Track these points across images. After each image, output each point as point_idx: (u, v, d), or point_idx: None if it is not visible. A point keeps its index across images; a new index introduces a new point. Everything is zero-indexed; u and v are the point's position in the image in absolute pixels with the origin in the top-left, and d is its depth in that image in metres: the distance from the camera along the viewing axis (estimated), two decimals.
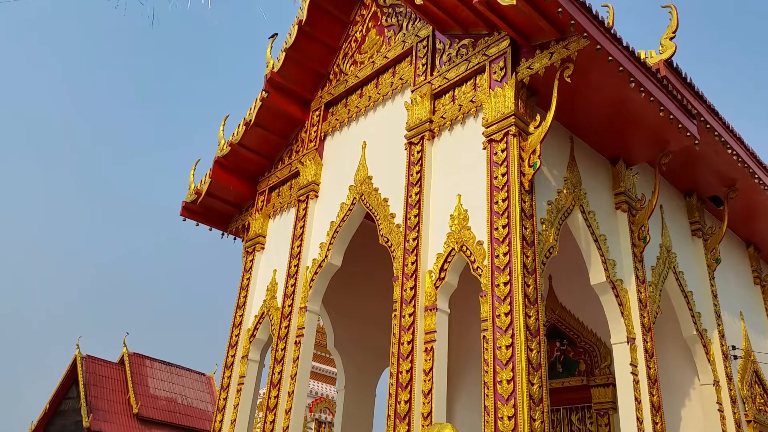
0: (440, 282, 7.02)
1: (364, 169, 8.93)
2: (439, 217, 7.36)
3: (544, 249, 6.61)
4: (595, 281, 7.48)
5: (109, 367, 33.17)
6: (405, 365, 6.79)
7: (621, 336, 7.38)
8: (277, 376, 8.65)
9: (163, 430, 30.76)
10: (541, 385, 5.74)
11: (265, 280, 10.16)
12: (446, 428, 5.01)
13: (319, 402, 25.70)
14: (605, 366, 9.70)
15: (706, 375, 8.73)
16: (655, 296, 8.11)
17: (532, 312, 6.04)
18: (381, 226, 8.15)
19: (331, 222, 9.12)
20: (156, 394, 33.24)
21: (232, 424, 9.38)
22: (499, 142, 6.86)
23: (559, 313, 10.56)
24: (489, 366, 5.93)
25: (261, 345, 9.90)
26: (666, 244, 8.94)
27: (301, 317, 8.89)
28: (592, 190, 7.84)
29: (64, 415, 31.88)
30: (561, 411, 10.02)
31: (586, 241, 7.48)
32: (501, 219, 6.44)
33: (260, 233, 10.77)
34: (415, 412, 6.45)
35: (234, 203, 11.57)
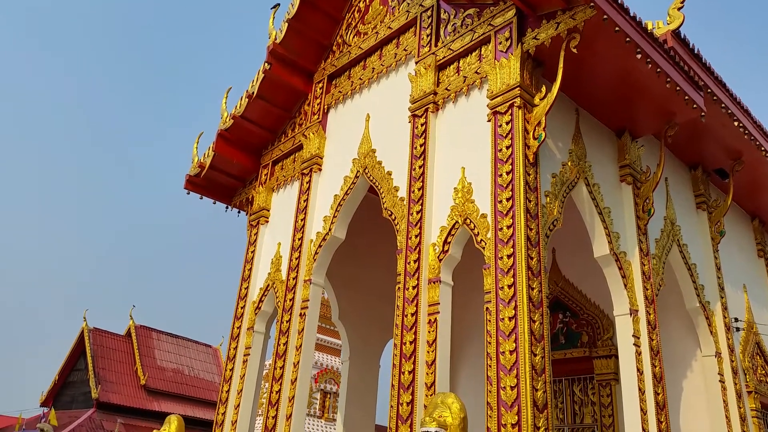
0: (444, 255, 7.04)
1: (368, 142, 8.89)
2: (443, 190, 7.35)
3: (548, 222, 6.60)
4: (599, 254, 7.49)
5: (116, 339, 33.60)
6: (409, 337, 6.85)
7: (624, 308, 7.42)
8: (283, 347, 8.75)
9: (171, 400, 31.28)
10: (543, 356, 5.79)
11: (270, 253, 10.21)
12: (449, 397, 5.06)
13: (325, 373, 26.04)
14: (607, 338, 9.77)
15: (708, 346, 8.79)
16: (658, 269, 8.12)
17: (535, 284, 6.06)
18: (385, 200, 8.14)
19: (334, 195, 9.12)
20: (163, 366, 33.72)
21: (238, 394, 9.52)
22: (504, 114, 6.80)
23: (562, 285, 10.60)
24: (492, 337, 5.97)
25: (266, 317, 10.00)
26: (670, 217, 8.93)
27: (305, 290, 8.95)
28: (597, 162, 7.80)
29: (73, 387, 32.41)
30: (563, 382, 10.13)
31: (590, 214, 7.46)
32: (505, 192, 6.42)
33: (264, 207, 10.79)
34: (418, 382, 6.53)
35: (238, 176, 11.57)
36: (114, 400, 30.00)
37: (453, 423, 4.89)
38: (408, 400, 6.52)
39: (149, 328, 35.16)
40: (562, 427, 9.91)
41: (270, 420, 8.33)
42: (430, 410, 5.01)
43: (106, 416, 29.16)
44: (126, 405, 30.32)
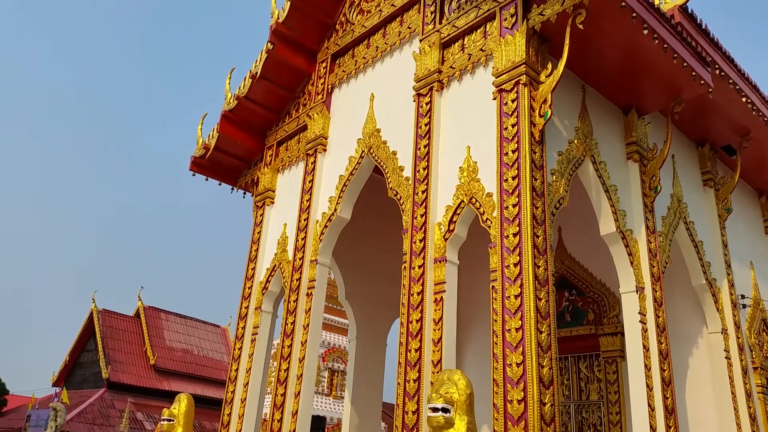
0: (449, 234, 7.05)
1: (372, 122, 8.86)
2: (448, 169, 7.33)
3: (554, 200, 6.59)
4: (605, 231, 7.48)
5: (125, 320, 33.95)
6: (415, 315, 6.89)
7: (630, 285, 7.43)
8: (290, 327, 8.82)
9: (180, 380, 31.68)
10: (549, 333, 5.82)
11: (276, 234, 10.25)
12: (456, 374, 5.11)
13: (332, 352, 26.27)
14: (614, 315, 9.81)
15: (715, 323, 8.81)
16: (665, 246, 8.11)
17: (541, 262, 6.07)
18: (390, 179, 8.13)
19: (339, 176, 9.11)
20: (172, 346, 34.10)
21: (247, 373, 9.63)
22: (510, 92, 6.75)
23: (568, 263, 10.62)
24: (498, 315, 6.00)
25: (273, 297, 10.07)
26: (677, 194, 8.89)
27: (312, 270, 8.99)
28: (604, 140, 7.75)
29: (84, 367, 32.85)
30: (569, 359, 10.20)
31: (597, 192, 7.44)
32: (511, 170, 6.40)
33: (269, 188, 10.80)
34: (425, 359, 6.59)
35: (242, 158, 11.58)
36: (124, 380, 30.41)
37: (459, 399, 4.94)
38: (415, 377, 6.58)
39: (158, 309, 35.49)
40: (568, 404, 9.99)
41: (279, 397, 8.43)
42: (436, 387, 5.06)
43: (117, 396, 29.57)
44: (136, 385, 30.73)
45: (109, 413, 28.32)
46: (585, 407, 9.83)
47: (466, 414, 4.92)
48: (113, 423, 27.17)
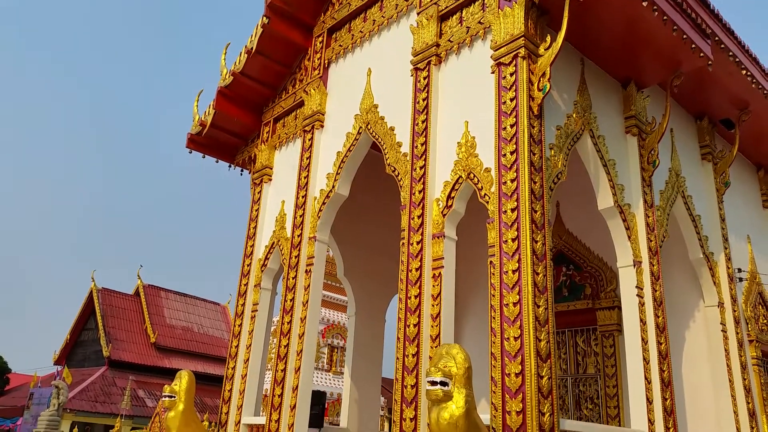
0: (447, 210, 7.04)
1: (370, 98, 8.78)
2: (446, 144, 7.29)
3: (552, 174, 6.56)
4: (603, 206, 7.48)
5: (125, 298, 34.07)
6: (413, 291, 6.91)
7: (627, 259, 7.45)
8: (290, 303, 8.86)
9: (181, 357, 31.94)
10: (546, 307, 5.84)
11: (274, 211, 10.23)
12: (454, 348, 5.14)
13: (332, 328, 26.44)
14: (611, 289, 9.85)
15: (711, 297, 8.86)
16: (662, 220, 8.12)
17: (539, 237, 6.07)
18: (388, 155, 8.10)
19: (337, 152, 9.07)
20: (172, 324, 34.29)
21: (247, 349, 9.69)
22: (508, 65, 6.69)
23: (566, 238, 10.64)
24: (495, 290, 6.02)
25: (272, 274, 10.09)
26: (675, 168, 8.87)
27: (310, 247, 8.99)
28: (603, 113, 7.71)
29: (85, 345, 33.06)
30: (566, 333, 10.27)
31: (595, 166, 7.42)
32: (509, 145, 6.37)
33: (267, 165, 10.75)
34: (423, 334, 6.63)
35: (239, 134, 11.50)
36: (125, 358, 30.64)
37: (458, 373, 4.97)
38: (413, 351, 6.62)
39: (157, 287, 35.60)
40: (566, 377, 10.09)
41: (279, 373, 8.50)
42: (435, 361, 5.09)
43: (118, 373, 29.82)
44: (137, 362, 30.97)
45: (111, 391, 28.59)
46: (582, 380, 9.92)
47: (465, 387, 4.96)
48: (115, 400, 27.44)
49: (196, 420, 8.86)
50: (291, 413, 8.11)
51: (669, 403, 7.00)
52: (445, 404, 4.91)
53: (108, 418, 26.04)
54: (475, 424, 4.98)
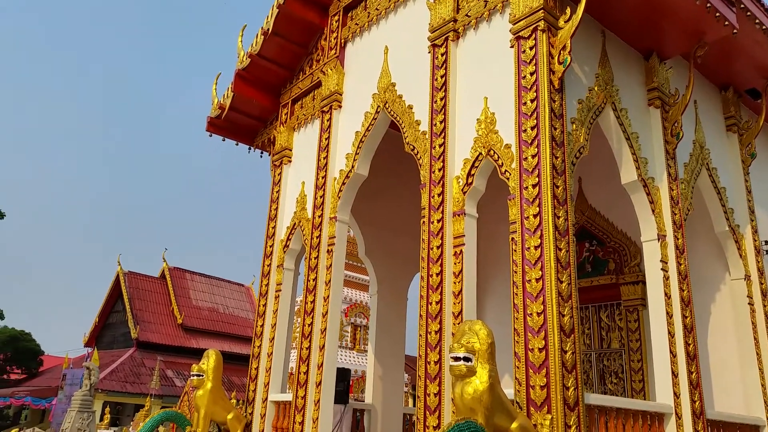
0: (468, 187, 7.01)
1: (387, 76, 8.74)
2: (466, 121, 7.25)
3: (574, 149, 6.50)
4: (626, 180, 7.39)
5: (151, 281, 34.67)
6: (435, 269, 6.94)
7: (652, 233, 7.37)
8: (312, 283, 8.95)
9: (207, 337, 32.52)
10: (569, 282, 5.82)
11: (295, 192, 10.29)
12: (477, 324, 5.17)
13: (354, 307, 26.67)
14: (635, 264, 9.79)
15: (737, 270, 8.75)
16: (687, 193, 8.01)
17: (561, 213, 6.03)
18: (406, 134, 8.07)
19: (356, 132, 9.06)
20: (198, 305, 34.87)
21: (272, 328, 9.84)
22: (527, 38, 6.59)
23: (589, 214, 10.56)
24: (518, 266, 6.02)
25: (295, 254, 10.19)
26: (699, 140, 8.72)
27: (331, 227, 9.05)
28: (625, 86, 7.58)
29: (113, 328, 33.81)
30: (590, 309, 10.25)
31: (618, 140, 7.32)
32: (529, 120, 6.31)
33: (286, 146, 10.79)
34: (446, 311, 6.66)
35: (258, 117, 11.54)
36: (153, 339, 31.30)
37: (481, 348, 5.01)
38: (436, 328, 6.67)
39: (183, 270, 36.16)
40: (590, 352, 10.09)
41: (304, 351, 8.63)
42: (458, 337, 5.13)
43: (147, 354, 30.49)
44: (165, 343, 31.63)
45: (140, 371, 29.27)
46: (606, 355, 9.92)
47: (488, 362, 4.99)
48: (144, 381, 28.11)
49: (224, 398, 9.06)
50: (317, 390, 8.25)
51: (695, 377, 6.97)
52: (469, 379, 4.95)
53: (138, 398, 26.72)
54: (498, 398, 5.02)
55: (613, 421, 6.01)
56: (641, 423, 6.34)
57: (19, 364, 34.95)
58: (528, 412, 5.46)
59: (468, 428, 4.42)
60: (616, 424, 6.03)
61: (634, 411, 6.32)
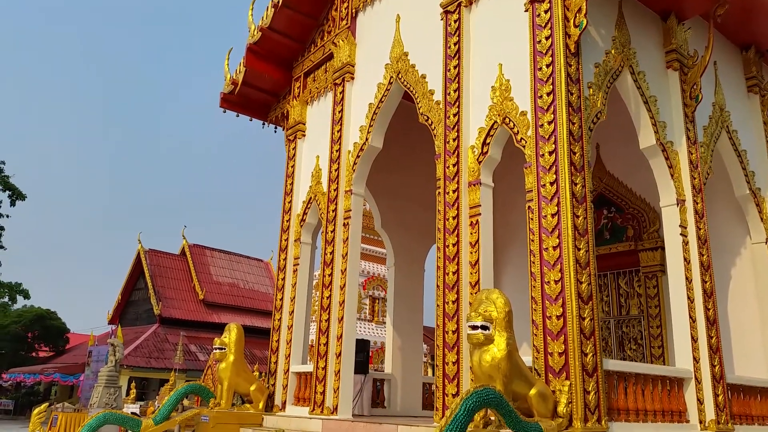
0: (483, 156, 6.96)
1: (400, 45, 8.63)
2: (480, 89, 7.15)
3: (591, 114, 6.40)
4: (645, 145, 7.28)
5: (172, 258, 35.12)
6: (451, 239, 6.93)
7: (671, 198, 7.28)
8: (330, 256, 9.00)
9: (228, 312, 32.96)
10: (587, 249, 5.79)
11: (309, 167, 10.29)
12: (494, 293, 5.18)
13: (372, 280, 26.84)
14: (654, 230, 9.70)
15: (758, 233, 8.63)
16: (706, 157, 7.88)
17: (578, 179, 5.97)
18: (420, 104, 8.00)
19: (369, 104, 9.00)
20: (219, 281, 35.32)
21: (291, 301, 9.95)
22: (542, 2, 6.45)
23: (607, 181, 10.45)
24: (534, 235, 5.99)
25: (311, 228, 10.23)
26: (719, 103, 8.53)
27: (347, 200, 9.06)
28: (642, 48, 7.41)
29: (136, 305, 34.40)
30: (608, 276, 10.20)
31: (636, 104, 7.19)
32: (545, 86, 6.21)
33: (300, 120, 10.76)
34: (463, 281, 6.67)
35: (271, 91, 11.50)
36: (175, 315, 31.80)
37: (498, 317, 5.03)
38: (453, 298, 6.69)
39: (202, 246, 36.52)
40: (608, 319, 10.08)
41: (323, 323, 8.72)
42: (475, 306, 5.15)
43: (170, 330, 31.02)
44: (187, 319, 32.13)
45: (164, 347, 29.83)
46: (625, 322, 9.90)
47: (506, 330, 5.01)
48: (168, 356, 28.65)
49: (246, 370, 9.23)
50: (337, 360, 8.35)
51: (714, 341, 6.94)
52: (487, 347, 4.98)
53: (162, 373, 27.28)
54: (516, 365, 5.05)
55: (632, 386, 6.03)
56: (660, 388, 6.35)
57: (47, 342, 35.82)
58: (546, 378, 5.49)
59: (486, 395, 4.45)
60: (635, 389, 6.04)
61: (653, 376, 6.33)
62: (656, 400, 6.24)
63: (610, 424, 5.53)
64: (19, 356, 34.07)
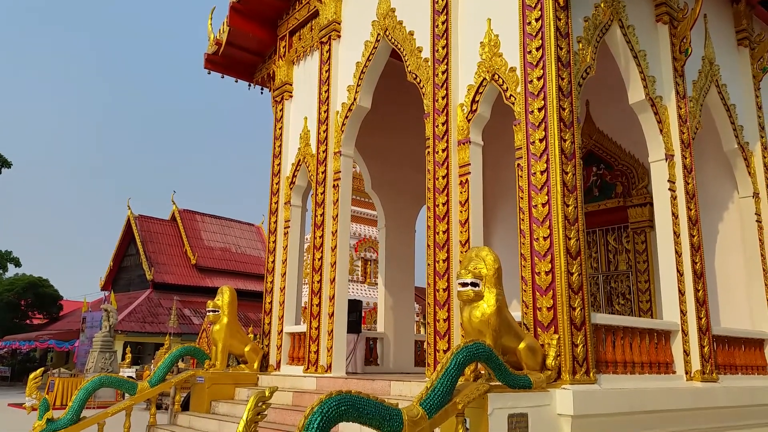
0: (472, 114, 6.91)
1: (386, 1, 8.45)
2: (469, 45, 7.06)
3: (580, 69, 6.34)
4: (634, 100, 7.25)
5: (162, 224, 35.04)
6: (441, 199, 6.93)
7: (659, 153, 7.30)
8: (320, 218, 9.00)
9: (221, 276, 33.12)
10: (576, 206, 5.81)
11: (297, 128, 10.19)
12: (483, 251, 5.21)
13: (364, 242, 26.96)
14: (642, 186, 9.75)
15: (746, 188, 8.69)
16: (695, 111, 7.86)
17: (568, 136, 5.95)
18: (408, 62, 7.89)
19: (356, 62, 8.87)
20: (210, 246, 35.35)
21: (283, 264, 9.98)
22: None
23: (596, 138, 10.44)
24: (524, 192, 6.00)
25: (301, 191, 10.19)
26: (709, 56, 8.47)
27: (336, 162, 9.01)
28: (631, 2, 7.30)
29: (128, 271, 34.45)
30: (597, 232, 10.29)
31: (625, 59, 7.13)
32: (534, 41, 6.13)
33: (286, 81, 10.60)
34: (453, 240, 6.71)
35: (256, 52, 11.28)
36: (168, 280, 31.92)
37: (488, 274, 5.07)
38: (444, 257, 6.73)
39: (193, 212, 36.43)
40: (597, 275, 10.21)
41: (315, 284, 8.77)
42: (465, 264, 5.18)
43: (163, 295, 31.18)
44: (180, 284, 32.28)
45: (157, 311, 30.02)
46: (614, 278, 10.03)
47: (495, 287, 5.06)
48: (162, 320, 28.87)
49: (240, 331, 9.31)
50: (330, 320, 8.44)
51: (701, 294, 7.05)
52: (477, 303, 5.04)
53: (157, 337, 27.53)
54: (506, 320, 5.12)
55: (620, 339, 6.14)
56: (648, 341, 6.47)
57: (40, 310, 35.94)
58: (535, 333, 5.58)
59: (476, 349, 4.52)
60: (623, 342, 6.16)
61: (641, 329, 6.45)
62: (644, 352, 6.37)
63: (598, 376, 5.66)
64: (13, 324, 34.21)
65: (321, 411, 3.62)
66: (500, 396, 4.76)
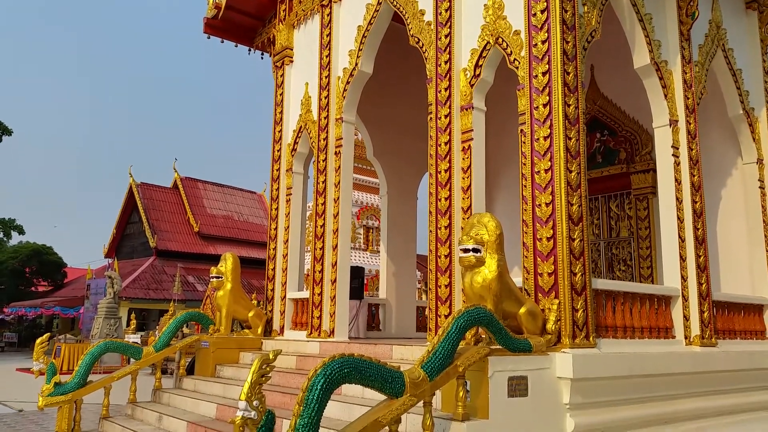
0: (475, 79, 6.83)
1: None
2: (472, 8, 6.93)
3: (585, 33, 6.24)
4: (639, 64, 7.15)
5: (165, 191, 35.05)
6: (443, 165, 6.90)
7: (663, 119, 7.23)
8: (322, 185, 8.98)
9: (224, 244, 33.25)
10: (579, 172, 5.79)
11: (299, 94, 10.09)
12: (485, 217, 5.21)
13: (366, 210, 26.98)
14: (646, 152, 9.70)
15: (750, 154, 8.64)
16: (700, 76, 7.76)
17: (572, 100, 5.89)
18: (410, 26, 7.77)
19: (358, 26, 8.73)
20: (213, 213, 35.43)
21: (286, 231, 10.01)
22: None
23: (601, 103, 10.34)
24: (527, 158, 5.97)
25: (303, 158, 10.15)
26: (716, 20, 8.33)
27: (338, 128, 8.95)
28: None
29: (132, 238, 34.61)
30: (599, 199, 10.27)
31: (631, 22, 7.01)
32: (539, 3, 6.02)
33: (287, 45, 10.46)
34: (455, 207, 6.70)
35: (256, 15, 11.11)
36: (172, 248, 32.09)
37: (489, 240, 5.08)
38: (446, 224, 6.74)
39: (195, 179, 36.40)
40: (598, 242, 10.23)
41: (318, 251, 8.81)
42: (467, 230, 5.19)
43: (166, 262, 31.38)
44: (183, 251, 32.44)
45: (161, 278, 30.25)
46: (615, 244, 10.05)
47: (497, 253, 5.08)
48: (166, 287, 29.10)
49: (244, 297, 9.40)
50: (332, 287, 8.50)
51: (702, 260, 7.08)
52: (478, 269, 5.06)
53: (161, 303, 27.80)
54: (507, 285, 5.15)
55: (621, 305, 6.18)
56: (648, 306, 6.52)
57: (45, 277, 36.26)
58: (536, 298, 5.62)
59: (477, 314, 4.56)
60: (623, 307, 6.20)
61: (641, 294, 6.48)
62: (644, 317, 6.42)
63: (597, 340, 5.71)
64: (18, 291, 34.56)
65: (324, 373, 3.67)
66: (500, 359, 4.82)
